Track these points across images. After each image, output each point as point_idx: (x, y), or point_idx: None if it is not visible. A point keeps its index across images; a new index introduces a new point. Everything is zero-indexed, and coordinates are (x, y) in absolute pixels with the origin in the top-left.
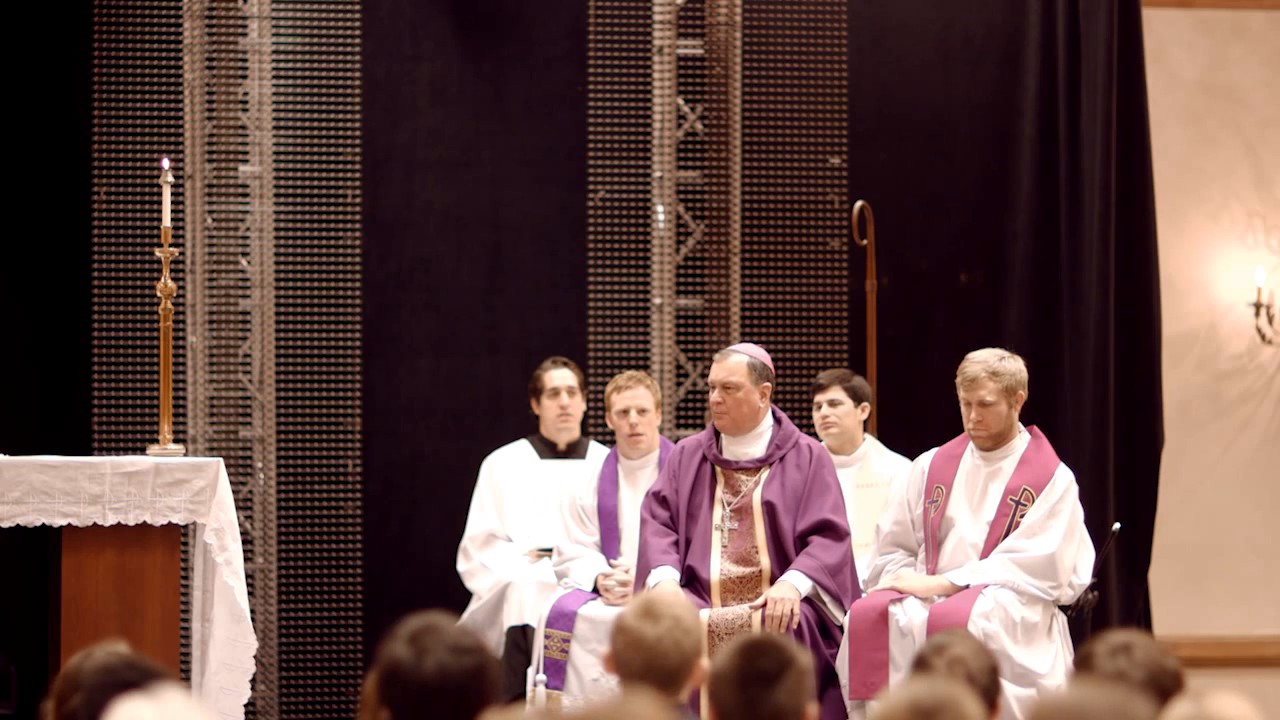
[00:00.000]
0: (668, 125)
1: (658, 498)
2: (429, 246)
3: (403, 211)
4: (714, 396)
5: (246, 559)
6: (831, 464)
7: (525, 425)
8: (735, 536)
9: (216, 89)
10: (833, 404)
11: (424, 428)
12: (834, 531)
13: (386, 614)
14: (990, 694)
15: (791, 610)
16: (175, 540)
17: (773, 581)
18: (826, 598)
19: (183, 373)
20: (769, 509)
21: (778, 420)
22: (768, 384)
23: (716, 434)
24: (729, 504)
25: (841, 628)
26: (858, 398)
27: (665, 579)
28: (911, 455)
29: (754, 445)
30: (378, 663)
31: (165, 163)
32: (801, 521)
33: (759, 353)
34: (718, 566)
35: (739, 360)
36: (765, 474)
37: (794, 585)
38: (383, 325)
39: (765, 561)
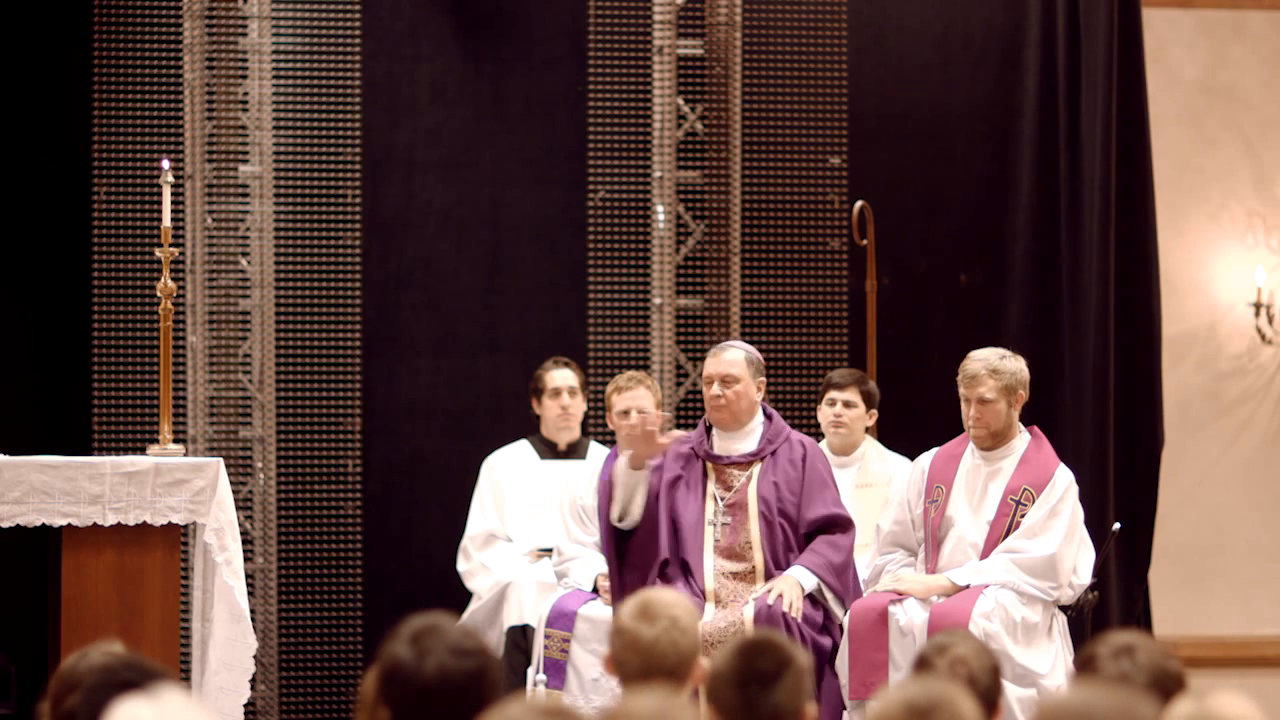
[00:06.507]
0: (668, 125)
1: None
2: (429, 246)
3: (403, 211)
4: (713, 390)
5: (246, 559)
6: (824, 457)
7: (525, 425)
8: (728, 532)
9: (216, 89)
10: (848, 405)
11: (424, 428)
12: (839, 525)
13: (386, 614)
14: (992, 695)
15: (792, 602)
16: (175, 540)
17: (767, 578)
18: (830, 595)
19: (183, 373)
20: (763, 504)
21: (768, 416)
22: (762, 379)
23: (708, 431)
24: (721, 499)
25: (842, 626)
26: (870, 403)
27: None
28: (912, 455)
29: (746, 441)
30: (378, 662)
31: (165, 163)
32: (804, 520)
33: (752, 348)
34: (711, 562)
35: (736, 354)
36: (758, 469)
37: (798, 580)
38: (383, 325)
39: (759, 558)
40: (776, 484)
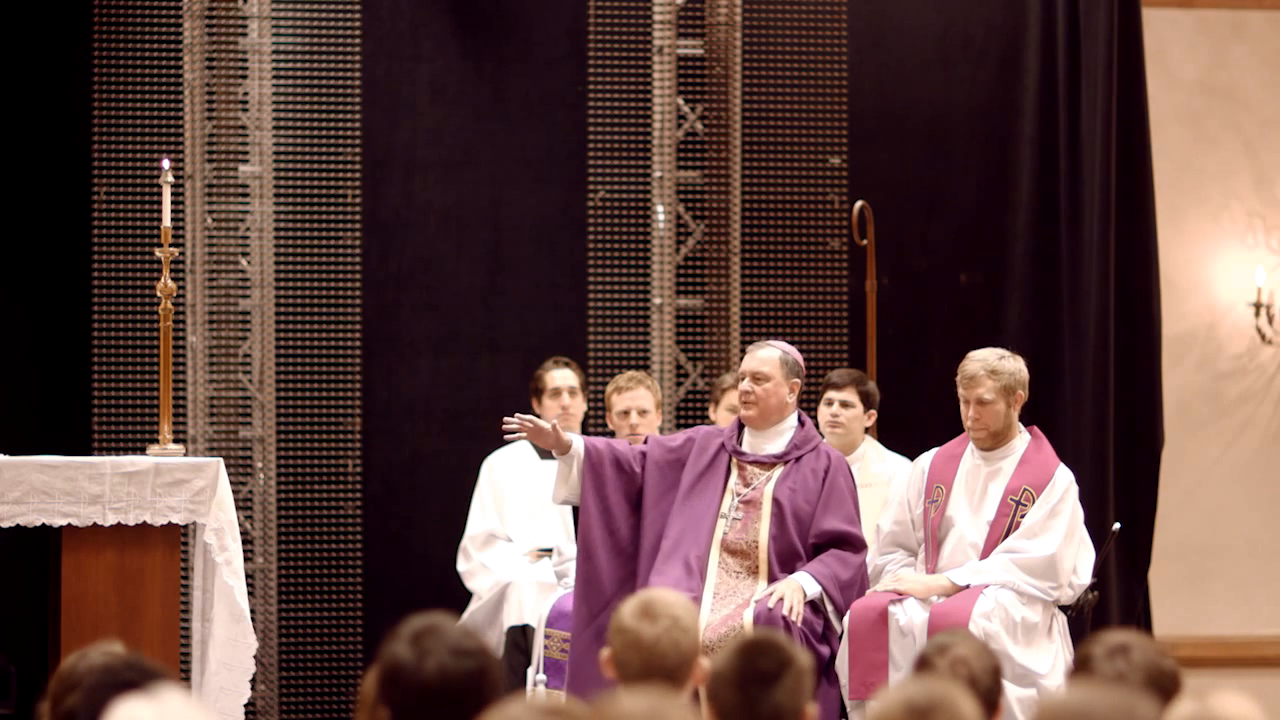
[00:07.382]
0: (668, 125)
1: (645, 443)
2: (429, 246)
3: (403, 211)
4: (743, 386)
5: (246, 559)
6: (849, 473)
7: None
8: (738, 527)
9: (216, 89)
10: (845, 405)
11: (424, 428)
12: (850, 544)
13: (386, 614)
14: (992, 695)
15: (792, 605)
16: (175, 540)
17: (769, 579)
18: (831, 607)
19: (183, 373)
20: (776, 506)
21: (802, 422)
22: (797, 380)
23: (740, 429)
24: (739, 495)
25: (841, 637)
26: (868, 403)
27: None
28: (911, 455)
29: (774, 442)
30: (378, 662)
31: (165, 163)
32: (814, 530)
33: (791, 349)
34: (716, 555)
35: (771, 353)
36: (779, 471)
37: (801, 585)
38: (383, 325)
39: (763, 557)
40: (793, 489)
